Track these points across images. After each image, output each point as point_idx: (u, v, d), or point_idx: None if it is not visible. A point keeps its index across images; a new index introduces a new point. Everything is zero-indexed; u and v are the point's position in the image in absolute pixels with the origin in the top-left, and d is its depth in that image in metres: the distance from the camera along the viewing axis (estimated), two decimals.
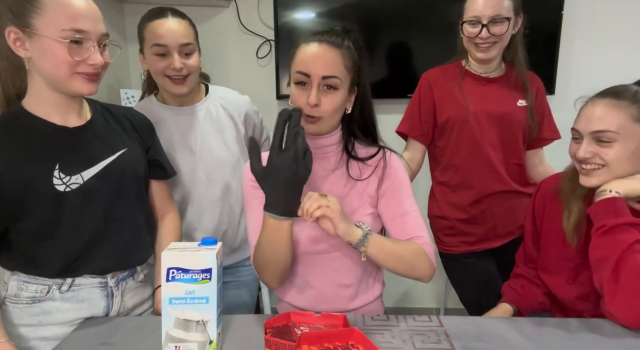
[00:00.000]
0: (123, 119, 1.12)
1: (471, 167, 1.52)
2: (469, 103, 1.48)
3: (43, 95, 0.97)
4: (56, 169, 0.96)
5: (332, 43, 1.00)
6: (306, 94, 0.99)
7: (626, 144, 1.01)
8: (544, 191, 1.25)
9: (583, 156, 1.04)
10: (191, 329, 0.84)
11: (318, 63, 0.98)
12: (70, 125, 1.01)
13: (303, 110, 0.96)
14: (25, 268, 0.99)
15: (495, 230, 1.55)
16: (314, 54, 0.99)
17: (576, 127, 1.07)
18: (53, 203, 0.95)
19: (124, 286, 1.08)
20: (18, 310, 0.99)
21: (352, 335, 0.83)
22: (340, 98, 1.01)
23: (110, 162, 1.03)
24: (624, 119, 1.01)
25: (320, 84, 0.99)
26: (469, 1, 1.45)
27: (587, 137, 1.04)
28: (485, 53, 1.45)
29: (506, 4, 1.40)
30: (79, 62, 0.93)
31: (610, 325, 0.98)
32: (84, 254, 1.00)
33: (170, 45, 1.29)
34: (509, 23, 1.41)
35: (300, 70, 1.00)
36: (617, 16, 2.26)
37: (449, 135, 1.53)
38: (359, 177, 1.08)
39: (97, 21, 0.95)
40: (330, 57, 0.99)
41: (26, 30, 0.91)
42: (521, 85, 1.52)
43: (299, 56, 1.02)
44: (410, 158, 1.57)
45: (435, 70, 1.59)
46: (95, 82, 0.97)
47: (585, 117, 1.06)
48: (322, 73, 0.98)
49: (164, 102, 1.42)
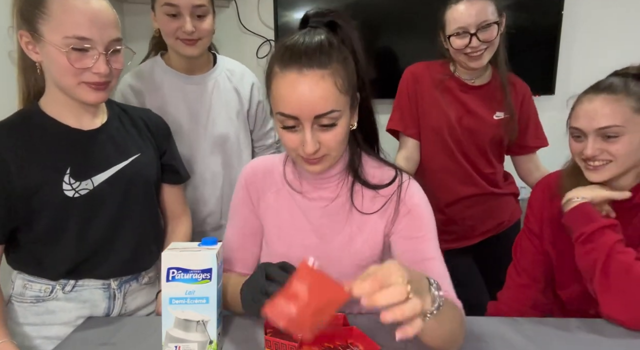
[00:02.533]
0: (139, 121, 1.10)
1: (446, 172, 1.55)
2: (451, 112, 1.48)
3: (57, 97, 0.96)
4: (67, 173, 0.95)
5: (317, 64, 0.76)
6: (298, 138, 0.81)
7: (632, 135, 1.01)
8: (540, 197, 1.22)
9: (592, 154, 1.03)
10: (191, 329, 0.84)
11: (305, 101, 0.76)
12: (85, 127, 0.99)
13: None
14: (30, 268, 0.99)
15: (473, 229, 1.58)
16: (295, 88, 0.76)
17: (577, 126, 1.06)
18: (61, 208, 0.95)
19: (126, 288, 1.07)
20: (23, 309, 0.99)
21: (352, 333, 0.84)
22: (343, 130, 0.82)
23: (122, 167, 1.01)
24: (625, 111, 1.01)
25: (314, 123, 0.79)
26: (450, 12, 1.39)
27: (592, 135, 1.03)
28: (478, 61, 1.41)
29: (490, 8, 1.37)
30: (84, 71, 0.90)
31: (610, 326, 0.98)
32: (89, 259, 1.00)
33: (182, 5, 1.23)
34: (497, 26, 1.37)
35: (282, 112, 0.79)
36: (617, 16, 2.26)
37: (425, 139, 1.54)
38: (365, 208, 0.91)
39: (107, 27, 0.91)
40: (320, 88, 0.76)
41: (35, 35, 0.89)
42: (503, 95, 1.49)
43: (276, 89, 0.80)
44: (407, 157, 1.55)
45: (421, 66, 1.55)
46: (103, 91, 0.94)
47: (585, 114, 1.05)
48: (313, 112, 0.77)
49: (170, 66, 1.38)
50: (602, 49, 2.27)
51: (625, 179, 1.07)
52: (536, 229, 1.22)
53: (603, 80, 1.08)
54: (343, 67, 0.80)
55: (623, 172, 1.04)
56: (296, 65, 0.77)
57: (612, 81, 1.05)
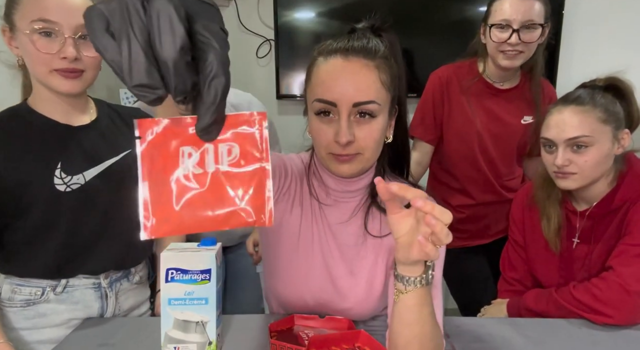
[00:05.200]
0: (130, 119, 1.10)
1: (468, 178, 1.55)
2: (476, 119, 1.46)
3: (42, 93, 0.96)
4: (58, 168, 0.95)
5: (363, 53, 0.75)
6: (333, 128, 0.76)
7: (601, 145, 1.05)
8: (520, 208, 1.27)
9: (561, 164, 1.06)
10: (190, 329, 0.84)
11: (346, 85, 0.74)
12: (74, 123, 0.99)
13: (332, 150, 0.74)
14: (19, 270, 0.98)
15: (488, 228, 1.59)
16: (339, 73, 0.75)
17: (548, 136, 1.10)
18: (52, 203, 0.94)
19: (117, 287, 1.07)
20: (12, 314, 0.98)
21: (359, 337, 0.83)
22: (380, 126, 0.77)
23: (113, 162, 1.01)
24: (593, 122, 1.05)
25: (351, 113, 0.75)
26: (498, 3, 1.34)
27: (562, 145, 1.07)
28: (512, 61, 1.36)
29: (537, 9, 1.31)
30: (52, 57, 0.88)
31: (610, 325, 0.98)
32: (80, 254, 0.99)
33: None
34: (541, 30, 1.33)
35: (321, 97, 0.75)
36: (617, 16, 2.26)
37: (449, 146, 1.53)
38: (378, 231, 0.87)
39: (74, 11, 0.89)
40: (363, 75, 0.74)
41: (12, 27, 0.90)
42: (532, 98, 1.47)
43: (316, 77, 0.77)
44: (418, 161, 1.55)
45: (448, 69, 1.50)
46: (75, 80, 0.92)
47: (555, 125, 1.08)
48: (353, 99, 0.74)
49: None
50: (602, 49, 2.27)
51: (597, 187, 1.10)
52: (520, 240, 1.27)
53: (572, 92, 1.13)
54: (388, 65, 0.78)
55: (589, 183, 1.08)
56: (342, 52, 0.76)
57: (580, 93, 1.09)
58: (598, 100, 1.07)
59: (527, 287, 1.25)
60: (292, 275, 0.93)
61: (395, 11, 2.20)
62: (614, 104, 1.07)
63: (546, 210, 1.17)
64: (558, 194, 1.15)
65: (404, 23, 2.24)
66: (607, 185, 1.10)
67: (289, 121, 1.71)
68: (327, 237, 0.91)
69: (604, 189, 1.10)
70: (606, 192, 1.10)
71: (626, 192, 1.08)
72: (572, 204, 1.16)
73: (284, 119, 2.30)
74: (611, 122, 1.05)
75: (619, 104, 1.08)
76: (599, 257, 1.11)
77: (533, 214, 1.22)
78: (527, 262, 1.26)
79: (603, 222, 1.11)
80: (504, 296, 1.28)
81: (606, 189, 1.10)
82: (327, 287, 0.91)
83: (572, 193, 1.14)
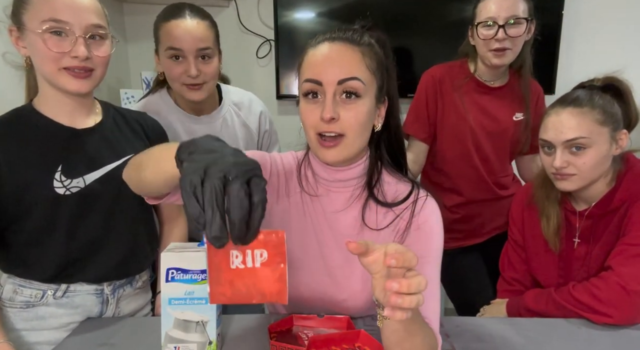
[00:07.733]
0: (135, 124, 1.09)
1: (460, 176, 1.55)
2: (469, 116, 1.48)
3: (49, 94, 0.96)
4: (58, 171, 0.94)
5: (347, 39, 0.80)
6: (319, 108, 0.79)
7: (599, 146, 1.05)
8: (519, 208, 1.28)
9: (560, 165, 1.07)
10: (191, 329, 0.84)
11: (331, 64, 0.78)
12: (78, 126, 0.99)
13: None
14: (20, 270, 0.98)
15: (482, 226, 1.60)
16: (325, 55, 0.79)
17: (546, 138, 1.10)
18: (51, 206, 0.94)
19: (120, 293, 1.06)
20: (12, 314, 0.98)
21: (359, 337, 0.83)
22: (365, 108, 0.80)
23: (115, 167, 1.00)
24: (591, 123, 1.05)
25: (336, 92, 0.78)
26: (482, 3, 1.40)
27: (561, 147, 1.07)
28: (501, 59, 1.39)
29: (522, 6, 1.36)
30: (63, 56, 0.89)
31: (610, 325, 0.98)
32: (79, 260, 0.99)
33: (185, 49, 1.20)
34: (526, 25, 1.37)
35: (308, 77, 0.79)
36: (617, 16, 2.26)
37: (443, 144, 1.54)
38: (375, 224, 0.88)
39: (85, 11, 0.90)
40: (348, 55, 0.79)
41: (20, 27, 0.90)
42: (521, 96, 1.50)
43: (306, 62, 0.82)
44: (414, 160, 1.55)
45: (440, 68, 1.53)
46: (85, 79, 0.93)
47: (553, 127, 1.08)
48: (337, 77, 0.77)
49: (178, 104, 1.35)
50: (602, 49, 2.27)
51: (596, 188, 1.10)
52: (519, 240, 1.27)
53: (570, 93, 1.12)
54: (373, 51, 0.82)
55: (588, 183, 1.08)
56: (329, 39, 0.81)
57: (578, 94, 1.09)
58: (596, 101, 1.07)
59: (526, 287, 1.25)
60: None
61: (394, 11, 2.20)
62: (612, 105, 1.07)
63: (545, 210, 1.17)
64: (557, 194, 1.16)
65: (403, 23, 2.23)
66: (606, 185, 1.11)
67: (289, 121, 1.71)
68: (322, 227, 0.91)
69: (603, 189, 1.11)
70: (605, 192, 1.10)
71: (625, 192, 1.08)
72: (571, 204, 1.16)
73: (284, 119, 2.30)
74: (609, 123, 1.06)
75: (617, 104, 1.08)
76: (598, 257, 1.11)
77: (532, 213, 1.22)
78: (526, 262, 1.26)
79: (602, 222, 1.11)
80: (503, 296, 1.28)
81: (605, 189, 1.11)
82: (323, 277, 0.92)
83: (572, 193, 1.14)
